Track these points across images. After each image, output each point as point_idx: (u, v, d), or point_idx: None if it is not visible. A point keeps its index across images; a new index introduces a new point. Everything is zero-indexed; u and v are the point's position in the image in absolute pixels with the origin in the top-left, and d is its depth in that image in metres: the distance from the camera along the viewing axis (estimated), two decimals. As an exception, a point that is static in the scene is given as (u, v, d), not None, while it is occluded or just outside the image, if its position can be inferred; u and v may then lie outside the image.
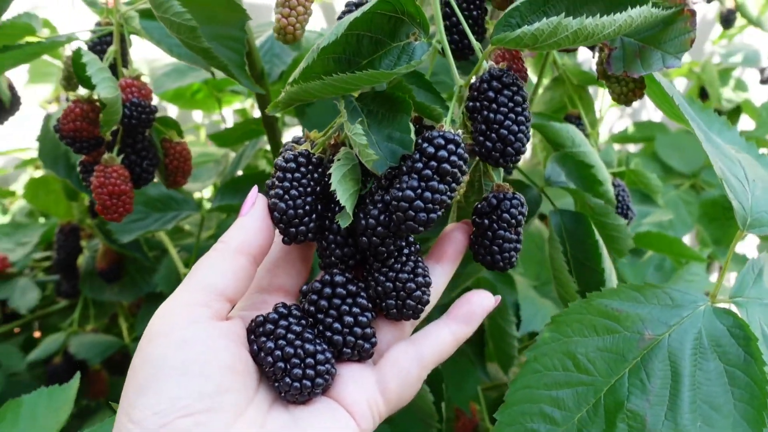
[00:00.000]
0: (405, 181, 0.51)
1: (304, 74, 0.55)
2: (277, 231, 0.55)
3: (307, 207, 0.54)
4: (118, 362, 1.49)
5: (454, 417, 1.19)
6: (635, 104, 0.70)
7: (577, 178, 0.92)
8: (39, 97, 1.72)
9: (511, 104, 0.56)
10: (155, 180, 0.87)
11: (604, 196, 0.97)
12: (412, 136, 0.54)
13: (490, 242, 0.59)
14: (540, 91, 1.34)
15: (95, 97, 0.76)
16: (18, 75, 1.94)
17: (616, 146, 2.05)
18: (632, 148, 2.16)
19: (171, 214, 1.15)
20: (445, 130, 0.53)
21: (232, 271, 0.51)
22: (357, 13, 0.53)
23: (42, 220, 1.62)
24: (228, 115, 1.99)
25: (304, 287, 0.55)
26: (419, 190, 0.51)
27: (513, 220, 0.59)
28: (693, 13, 0.56)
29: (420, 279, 0.55)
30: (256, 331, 0.51)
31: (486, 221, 0.60)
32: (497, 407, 0.58)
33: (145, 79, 0.81)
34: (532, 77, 1.33)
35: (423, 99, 0.63)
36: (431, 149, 0.51)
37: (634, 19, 0.53)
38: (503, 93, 0.56)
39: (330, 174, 0.53)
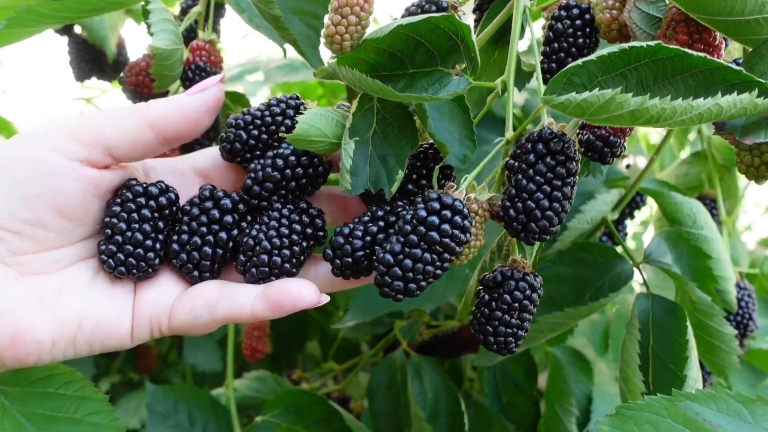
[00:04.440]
0: (390, 242, 0.47)
1: (344, 57, 0.50)
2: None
3: (251, 138, 0.53)
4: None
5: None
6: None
7: (687, 266, 0.76)
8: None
9: (549, 175, 0.48)
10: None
11: (720, 296, 0.80)
12: (400, 174, 0.50)
13: (486, 321, 0.52)
14: (680, 156, 1.17)
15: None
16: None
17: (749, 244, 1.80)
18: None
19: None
20: (449, 192, 0.48)
21: (132, 137, 0.48)
22: (422, 17, 0.47)
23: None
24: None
25: (206, 186, 0.53)
26: (400, 257, 0.46)
27: (515, 304, 0.52)
28: None
29: (278, 260, 0.50)
30: (125, 191, 0.50)
31: (486, 296, 0.53)
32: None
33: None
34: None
35: (442, 130, 0.53)
36: (423, 212, 0.46)
37: (724, 108, 0.41)
38: (545, 160, 0.48)
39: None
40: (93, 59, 1.09)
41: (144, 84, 0.72)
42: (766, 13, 0.46)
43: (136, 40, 1.15)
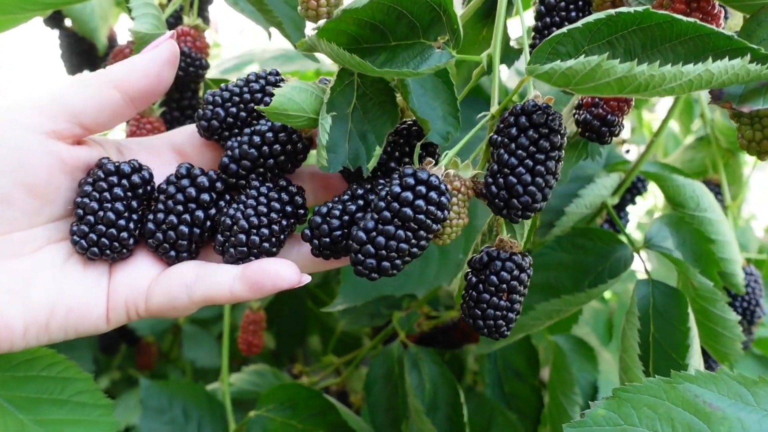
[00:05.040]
0: (365, 219, 0.46)
1: (324, 29, 0.47)
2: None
3: (229, 115, 0.52)
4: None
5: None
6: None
7: (690, 251, 0.74)
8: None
9: (532, 149, 0.46)
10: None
11: (726, 279, 0.78)
12: (378, 151, 0.49)
13: (474, 304, 0.51)
14: (686, 141, 1.15)
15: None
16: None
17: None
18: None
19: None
20: (427, 167, 0.46)
21: (98, 101, 0.48)
22: None
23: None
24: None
25: (183, 164, 0.52)
26: (373, 234, 0.45)
27: (503, 285, 0.50)
28: None
29: (256, 239, 0.48)
30: (97, 170, 0.49)
31: (473, 279, 0.51)
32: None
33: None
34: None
35: (425, 106, 0.51)
36: (397, 188, 0.45)
37: (715, 74, 0.39)
38: (527, 133, 0.46)
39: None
40: (84, 52, 1.07)
41: (129, 71, 0.70)
42: (765, -24, 0.45)
43: (128, 34, 1.14)
